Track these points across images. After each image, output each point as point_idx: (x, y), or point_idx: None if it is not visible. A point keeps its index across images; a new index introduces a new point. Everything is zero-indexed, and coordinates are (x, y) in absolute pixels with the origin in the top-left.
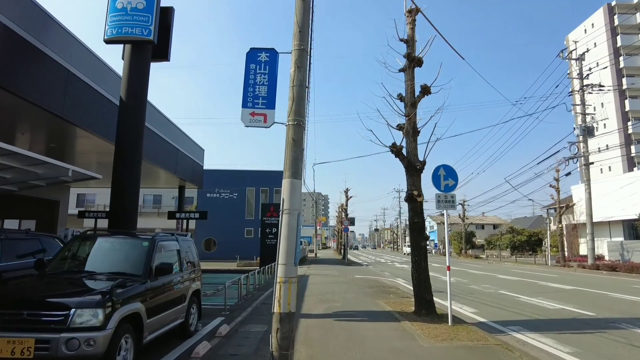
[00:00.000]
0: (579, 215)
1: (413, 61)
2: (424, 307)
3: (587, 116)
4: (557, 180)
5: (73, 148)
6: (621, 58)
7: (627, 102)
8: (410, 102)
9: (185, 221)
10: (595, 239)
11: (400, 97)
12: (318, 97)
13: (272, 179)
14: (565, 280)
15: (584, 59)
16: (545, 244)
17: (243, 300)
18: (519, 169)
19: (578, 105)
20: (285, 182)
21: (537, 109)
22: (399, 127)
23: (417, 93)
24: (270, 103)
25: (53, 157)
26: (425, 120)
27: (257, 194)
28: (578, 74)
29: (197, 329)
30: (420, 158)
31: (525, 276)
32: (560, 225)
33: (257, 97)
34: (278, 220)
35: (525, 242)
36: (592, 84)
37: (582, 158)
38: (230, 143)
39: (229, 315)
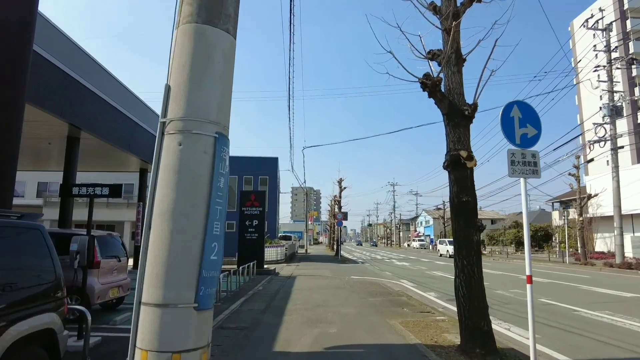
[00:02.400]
0: (596, 207)
1: None
2: (479, 341)
3: (613, 95)
4: (577, 167)
5: None
6: (631, 43)
7: (636, 89)
8: (453, 11)
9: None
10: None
11: (434, 7)
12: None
13: (257, 166)
14: (606, 283)
15: (611, 30)
16: (555, 239)
17: None
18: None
19: (604, 82)
20: (181, 37)
21: (555, 86)
22: (432, 56)
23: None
24: None
25: None
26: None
27: (240, 182)
28: (605, 47)
29: None
30: (469, 100)
31: (551, 277)
32: (580, 219)
33: None
34: (259, 211)
35: (531, 238)
36: (622, 57)
37: (610, 142)
38: None
39: None
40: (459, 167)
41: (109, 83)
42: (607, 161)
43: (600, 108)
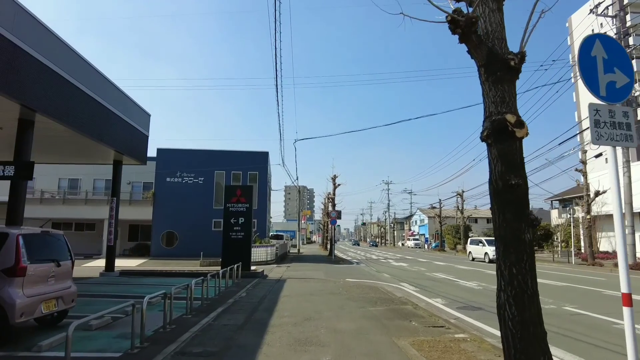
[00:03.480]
0: (601, 205)
1: None
2: None
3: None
4: (584, 162)
5: None
6: (630, 39)
7: (636, 86)
8: None
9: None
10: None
11: None
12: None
13: (246, 161)
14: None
15: (627, 13)
16: (557, 238)
17: (147, 343)
18: (530, 153)
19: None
20: None
21: (561, 77)
22: None
23: None
24: None
25: None
26: None
27: (228, 178)
28: (615, 34)
29: None
30: (513, 49)
31: (563, 279)
32: (588, 217)
33: None
34: (246, 208)
35: None
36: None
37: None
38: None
39: None
40: (505, 136)
41: (72, 61)
42: (606, 159)
43: None
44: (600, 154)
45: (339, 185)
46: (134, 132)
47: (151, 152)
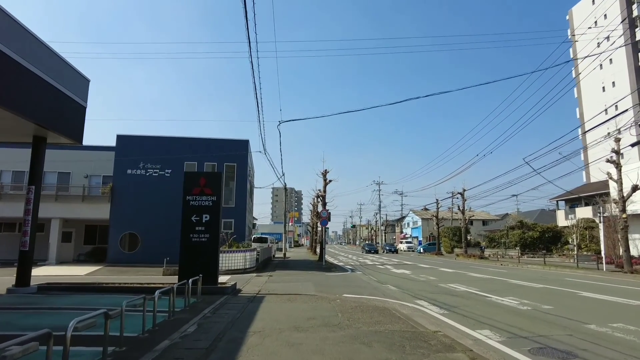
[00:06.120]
0: (629, 204)
1: None
2: None
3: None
4: (617, 152)
5: None
6: (637, 30)
7: None
8: None
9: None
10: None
11: None
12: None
13: (222, 150)
14: None
15: None
16: (573, 241)
17: None
18: (545, 146)
19: None
20: None
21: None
22: None
23: None
24: None
25: None
26: None
27: (201, 170)
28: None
29: None
30: None
31: (608, 292)
32: (624, 216)
33: None
34: (212, 201)
35: (538, 239)
36: None
37: None
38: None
39: None
40: None
41: None
42: (622, 154)
43: None
44: (638, 142)
45: (330, 181)
46: (63, 99)
47: (111, 140)
